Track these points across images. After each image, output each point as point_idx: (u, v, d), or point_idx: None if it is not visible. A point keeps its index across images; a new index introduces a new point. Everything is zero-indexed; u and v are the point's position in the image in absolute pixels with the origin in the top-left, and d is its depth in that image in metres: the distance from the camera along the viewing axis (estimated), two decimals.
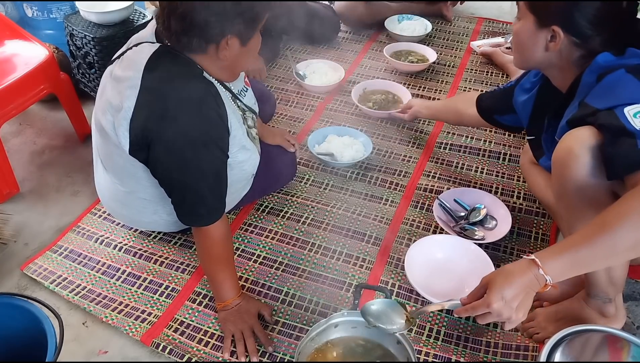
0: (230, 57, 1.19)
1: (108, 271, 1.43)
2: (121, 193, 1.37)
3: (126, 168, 1.27)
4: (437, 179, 1.75)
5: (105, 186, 1.41)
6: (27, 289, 1.40)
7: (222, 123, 1.21)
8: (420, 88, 2.20)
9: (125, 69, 1.19)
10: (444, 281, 1.38)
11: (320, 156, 1.76)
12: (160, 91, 1.15)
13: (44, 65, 1.70)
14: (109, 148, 1.28)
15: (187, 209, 1.24)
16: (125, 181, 1.32)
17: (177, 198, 1.24)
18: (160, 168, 1.22)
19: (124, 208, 1.42)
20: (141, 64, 1.17)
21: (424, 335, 1.29)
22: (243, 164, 1.34)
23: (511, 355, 1.24)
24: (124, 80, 1.18)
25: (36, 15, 2.20)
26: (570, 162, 1.03)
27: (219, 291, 1.29)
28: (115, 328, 1.30)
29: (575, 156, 1.02)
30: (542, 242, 1.52)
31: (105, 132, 1.24)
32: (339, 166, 1.77)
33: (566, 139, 1.05)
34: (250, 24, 1.16)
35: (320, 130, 1.87)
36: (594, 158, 1.01)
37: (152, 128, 1.15)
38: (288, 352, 1.24)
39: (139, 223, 1.49)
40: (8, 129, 1.94)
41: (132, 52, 1.22)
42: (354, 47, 2.49)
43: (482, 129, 1.96)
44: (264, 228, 1.56)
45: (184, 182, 1.20)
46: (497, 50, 2.35)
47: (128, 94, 1.16)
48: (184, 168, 1.18)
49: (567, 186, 1.06)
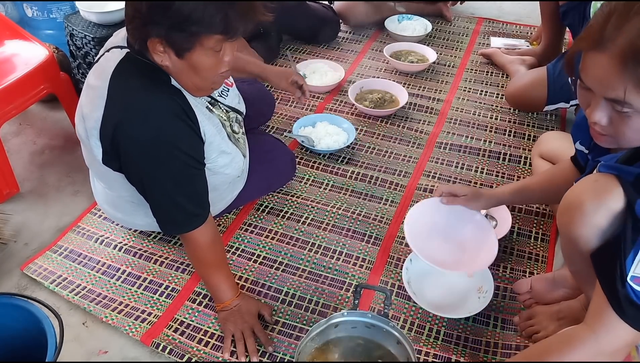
0: (171, 67, 1.11)
1: (108, 271, 1.43)
2: (111, 197, 1.38)
3: (108, 174, 1.26)
4: (437, 179, 1.75)
5: (99, 190, 1.43)
6: (27, 289, 1.40)
7: (191, 131, 1.16)
8: (420, 88, 2.20)
9: (97, 77, 1.18)
10: (442, 246, 1.37)
11: (298, 137, 1.83)
12: (124, 101, 1.12)
13: (44, 65, 1.70)
14: (90, 155, 1.26)
15: (164, 216, 1.23)
16: (112, 185, 1.33)
17: (154, 206, 1.23)
18: (133, 177, 1.21)
19: (117, 211, 1.42)
20: (108, 73, 1.14)
21: (423, 335, 1.29)
22: (225, 168, 1.32)
23: (511, 355, 1.24)
24: (95, 88, 1.17)
25: (36, 15, 2.20)
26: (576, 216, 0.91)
27: (215, 293, 1.30)
28: (115, 328, 1.30)
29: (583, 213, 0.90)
30: (542, 242, 1.52)
31: (82, 140, 1.25)
32: (316, 152, 1.83)
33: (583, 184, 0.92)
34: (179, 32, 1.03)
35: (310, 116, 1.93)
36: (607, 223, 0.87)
37: (119, 138, 1.13)
38: (288, 352, 1.24)
39: (134, 224, 1.49)
40: (8, 129, 1.94)
41: (104, 58, 1.20)
42: (354, 47, 2.49)
43: (482, 129, 1.97)
44: (264, 228, 1.56)
45: (157, 190, 1.20)
46: (497, 50, 2.35)
47: (97, 104, 1.14)
48: (155, 177, 1.17)
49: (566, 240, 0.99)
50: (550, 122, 2.00)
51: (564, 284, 1.30)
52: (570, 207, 0.93)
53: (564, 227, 0.96)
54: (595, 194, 0.89)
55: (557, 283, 1.31)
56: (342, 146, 1.82)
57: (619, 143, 0.91)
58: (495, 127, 1.98)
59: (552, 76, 1.84)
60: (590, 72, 0.86)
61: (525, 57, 2.24)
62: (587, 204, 0.89)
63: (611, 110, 0.87)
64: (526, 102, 1.98)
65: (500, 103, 2.11)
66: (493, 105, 2.10)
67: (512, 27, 2.65)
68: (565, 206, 0.95)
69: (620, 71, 0.81)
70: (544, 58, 2.14)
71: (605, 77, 0.83)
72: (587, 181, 0.92)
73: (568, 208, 0.94)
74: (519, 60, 2.23)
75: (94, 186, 1.46)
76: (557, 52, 2.19)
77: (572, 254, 1.01)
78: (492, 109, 2.08)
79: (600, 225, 0.89)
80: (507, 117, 2.03)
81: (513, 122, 2.01)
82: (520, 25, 2.66)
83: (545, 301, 1.31)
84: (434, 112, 2.05)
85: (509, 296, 1.37)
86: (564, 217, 0.95)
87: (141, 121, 1.12)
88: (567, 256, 1.05)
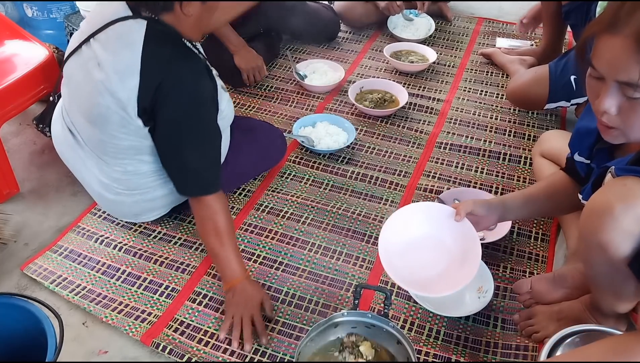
0: (194, 14, 1.23)
1: (108, 271, 1.43)
2: (126, 180, 1.37)
3: (130, 148, 1.30)
4: (437, 179, 1.75)
5: (101, 184, 1.41)
6: (27, 289, 1.40)
7: (216, 85, 1.30)
8: (420, 88, 2.20)
9: (117, 50, 1.22)
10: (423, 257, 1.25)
11: (298, 137, 1.83)
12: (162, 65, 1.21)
13: (44, 65, 1.70)
14: (108, 133, 1.28)
15: (191, 177, 1.29)
16: (125, 163, 1.34)
17: (181, 168, 1.29)
18: (165, 141, 1.27)
19: (133, 193, 1.41)
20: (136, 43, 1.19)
21: (423, 335, 1.29)
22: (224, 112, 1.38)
23: (511, 355, 1.24)
24: (117, 61, 1.21)
25: (36, 15, 2.20)
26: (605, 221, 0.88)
27: (224, 268, 1.31)
28: (115, 328, 1.30)
29: (613, 218, 0.87)
30: (542, 242, 1.52)
31: (102, 118, 1.26)
32: (316, 152, 1.83)
33: (611, 188, 0.89)
34: None
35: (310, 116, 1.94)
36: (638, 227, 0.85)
37: (161, 99, 1.21)
38: (288, 352, 1.24)
39: (141, 210, 1.46)
40: (8, 129, 1.94)
41: (115, 32, 1.23)
42: (354, 47, 2.49)
43: (482, 129, 1.97)
44: (264, 228, 1.56)
45: (188, 149, 1.26)
46: (497, 50, 2.35)
47: (129, 73, 1.19)
48: (189, 134, 1.25)
49: (591, 246, 0.94)
50: (551, 122, 2.00)
51: (564, 284, 1.29)
52: (597, 212, 0.91)
53: (590, 232, 0.93)
54: (624, 198, 0.87)
55: (557, 283, 1.30)
56: (342, 146, 1.82)
57: (627, 135, 0.90)
58: (495, 127, 1.98)
59: (554, 73, 1.84)
60: (604, 56, 0.86)
61: (525, 57, 2.24)
62: (617, 209, 0.87)
63: (621, 97, 0.87)
64: (527, 100, 1.98)
65: (501, 103, 2.11)
66: (493, 105, 2.10)
67: (512, 27, 2.65)
68: (591, 211, 0.93)
69: (634, 52, 0.82)
70: (544, 58, 2.14)
71: (618, 59, 0.84)
72: (615, 185, 0.90)
73: (595, 213, 0.91)
74: (519, 60, 2.23)
75: (93, 186, 1.45)
76: (557, 52, 2.19)
77: (596, 259, 0.97)
78: (492, 109, 2.08)
79: (630, 229, 0.88)
80: (507, 117, 2.03)
81: (513, 122, 2.01)
82: None
83: (546, 301, 1.31)
84: (434, 112, 2.05)
85: (509, 296, 1.37)
86: (591, 222, 0.93)
87: (182, 80, 1.22)
88: (587, 260, 1.02)
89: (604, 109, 0.88)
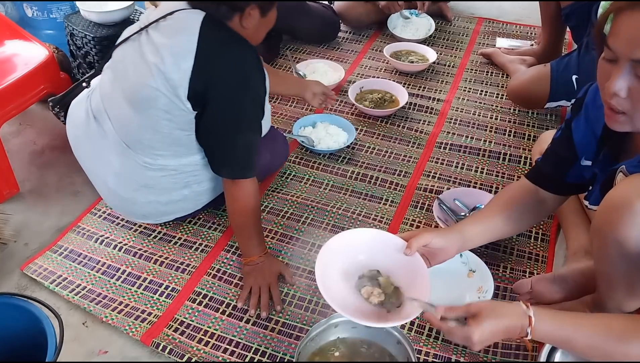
0: (251, 27, 1.28)
1: (108, 271, 1.43)
2: (148, 176, 1.36)
3: (168, 136, 1.31)
4: (437, 179, 1.75)
5: (116, 177, 1.39)
6: (27, 289, 1.40)
7: (265, 80, 1.32)
8: (420, 88, 2.20)
9: (174, 34, 1.24)
10: None
11: (298, 137, 1.84)
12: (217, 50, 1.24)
13: (44, 65, 1.71)
14: (151, 117, 1.29)
15: (234, 160, 1.31)
16: (158, 154, 1.34)
17: (225, 150, 1.31)
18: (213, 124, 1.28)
19: (150, 192, 1.39)
20: (193, 28, 1.23)
21: (423, 334, 1.29)
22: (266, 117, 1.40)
23: (511, 355, 1.25)
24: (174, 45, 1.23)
25: (36, 15, 2.20)
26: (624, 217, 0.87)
27: (247, 245, 1.38)
28: (115, 328, 1.30)
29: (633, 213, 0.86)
30: (542, 242, 1.52)
31: (148, 101, 1.26)
32: (316, 152, 1.83)
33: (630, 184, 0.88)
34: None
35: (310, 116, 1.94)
36: None
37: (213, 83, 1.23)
38: (288, 352, 1.24)
39: (151, 212, 1.44)
40: (8, 129, 1.94)
41: (174, 20, 1.26)
42: (354, 47, 2.49)
43: (482, 129, 1.97)
44: (264, 228, 1.56)
45: (233, 133, 1.29)
46: (497, 50, 2.36)
47: (183, 56, 1.22)
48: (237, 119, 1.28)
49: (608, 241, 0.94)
50: (550, 122, 2.00)
51: (565, 284, 1.29)
52: (616, 207, 0.90)
53: (608, 228, 0.92)
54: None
55: (557, 284, 1.30)
56: (342, 146, 1.82)
57: (634, 121, 0.90)
58: (495, 127, 1.98)
59: (555, 72, 1.85)
60: (622, 32, 0.86)
61: (525, 57, 2.25)
62: (636, 204, 0.86)
63: (633, 79, 0.86)
64: (528, 98, 1.98)
65: (501, 103, 2.11)
66: (493, 105, 2.10)
67: (512, 27, 2.65)
68: (608, 206, 0.92)
69: None
70: (543, 58, 2.14)
71: (637, 34, 0.84)
72: (633, 181, 0.89)
73: (613, 208, 0.90)
74: (519, 60, 2.23)
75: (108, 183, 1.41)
76: (557, 52, 2.19)
77: (612, 255, 0.96)
78: (492, 109, 2.08)
79: None
80: (507, 117, 2.03)
81: (513, 122, 2.01)
82: (521, 25, 2.66)
83: (546, 301, 1.31)
84: (434, 112, 2.06)
85: (509, 296, 1.37)
86: (609, 217, 0.92)
87: (235, 63, 1.25)
88: (603, 256, 1.00)
89: (614, 90, 0.87)
